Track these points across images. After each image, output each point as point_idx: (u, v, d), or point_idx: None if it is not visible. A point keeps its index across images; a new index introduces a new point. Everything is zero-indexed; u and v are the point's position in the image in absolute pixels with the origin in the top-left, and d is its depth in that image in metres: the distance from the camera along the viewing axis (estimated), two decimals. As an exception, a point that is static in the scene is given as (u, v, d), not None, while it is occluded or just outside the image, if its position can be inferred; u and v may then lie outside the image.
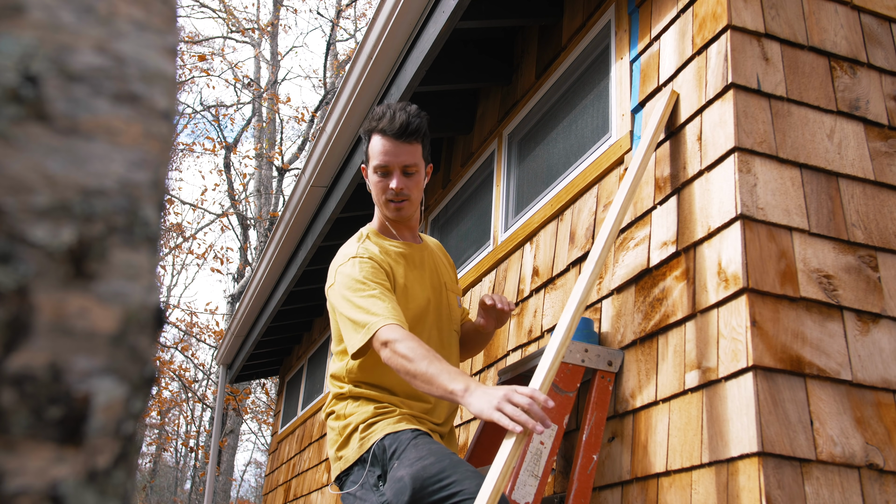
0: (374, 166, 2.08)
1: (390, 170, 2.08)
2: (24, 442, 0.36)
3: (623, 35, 2.60)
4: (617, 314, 2.25)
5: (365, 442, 1.95)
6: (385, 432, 1.93)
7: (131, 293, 0.41)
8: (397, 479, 1.82)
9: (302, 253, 5.08)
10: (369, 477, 1.91)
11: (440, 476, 1.76)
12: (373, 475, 1.90)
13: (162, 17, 0.44)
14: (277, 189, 14.95)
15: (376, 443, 1.92)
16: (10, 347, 0.36)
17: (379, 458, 1.90)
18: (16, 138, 0.38)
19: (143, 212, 0.42)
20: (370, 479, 1.90)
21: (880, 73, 2.17)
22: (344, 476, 2.00)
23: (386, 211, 2.13)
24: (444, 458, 1.81)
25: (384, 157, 2.06)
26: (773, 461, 1.62)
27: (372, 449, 1.92)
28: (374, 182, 2.10)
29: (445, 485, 1.75)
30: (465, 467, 1.80)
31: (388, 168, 2.07)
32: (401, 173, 2.08)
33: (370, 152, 2.10)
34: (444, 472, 1.77)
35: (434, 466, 1.78)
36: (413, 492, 1.76)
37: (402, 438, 1.90)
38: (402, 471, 1.82)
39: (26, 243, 0.37)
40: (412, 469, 1.80)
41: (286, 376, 7.69)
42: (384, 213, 2.15)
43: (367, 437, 1.95)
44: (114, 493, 0.40)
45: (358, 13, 17.04)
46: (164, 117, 0.44)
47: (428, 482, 1.76)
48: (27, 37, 0.38)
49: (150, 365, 0.43)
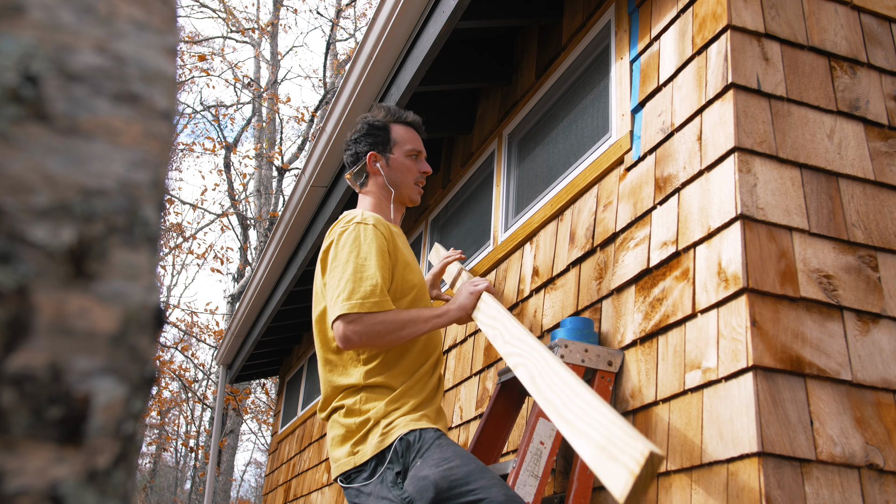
0: (407, 150, 2.31)
1: (422, 155, 2.34)
2: (24, 442, 0.36)
3: (623, 35, 2.60)
4: (617, 314, 2.25)
5: (386, 437, 1.93)
6: (409, 428, 1.93)
7: (131, 293, 0.41)
8: (421, 477, 1.81)
9: (302, 253, 5.08)
10: (387, 473, 1.89)
11: (466, 480, 1.77)
12: (391, 471, 1.89)
13: (162, 17, 0.44)
14: (277, 189, 14.95)
15: (399, 439, 1.91)
16: (10, 347, 0.36)
17: (400, 455, 1.89)
18: (16, 138, 0.38)
19: (143, 212, 0.42)
20: (388, 475, 1.88)
21: (880, 73, 2.17)
22: (355, 473, 1.96)
23: (411, 192, 2.32)
24: (470, 463, 1.83)
25: (418, 142, 2.34)
26: (773, 461, 1.62)
27: (393, 445, 1.91)
28: (405, 165, 2.30)
29: (471, 489, 1.76)
30: (490, 473, 1.81)
31: (421, 152, 2.33)
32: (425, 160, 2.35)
33: (398, 138, 2.31)
34: (471, 476, 1.78)
35: (460, 470, 1.80)
36: (437, 492, 1.77)
37: (425, 437, 1.90)
38: (426, 470, 1.82)
39: (26, 243, 0.37)
40: (438, 470, 1.80)
41: (286, 376, 7.69)
42: (408, 194, 2.32)
43: (389, 433, 1.93)
44: (114, 493, 0.40)
45: (358, 13, 17.05)
46: (164, 117, 0.44)
47: (454, 485, 1.77)
48: (27, 37, 0.38)
49: (150, 365, 0.43)
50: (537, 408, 2.08)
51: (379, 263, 2.00)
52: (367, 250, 2.02)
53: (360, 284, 1.96)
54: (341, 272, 2.00)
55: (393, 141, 2.30)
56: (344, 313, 1.92)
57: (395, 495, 1.85)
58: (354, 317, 1.93)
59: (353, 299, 1.94)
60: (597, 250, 2.44)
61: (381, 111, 2.35)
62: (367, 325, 1.93)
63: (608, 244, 2.39)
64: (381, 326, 1.94)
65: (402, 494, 1.84)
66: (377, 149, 2.29)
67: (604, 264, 2.38)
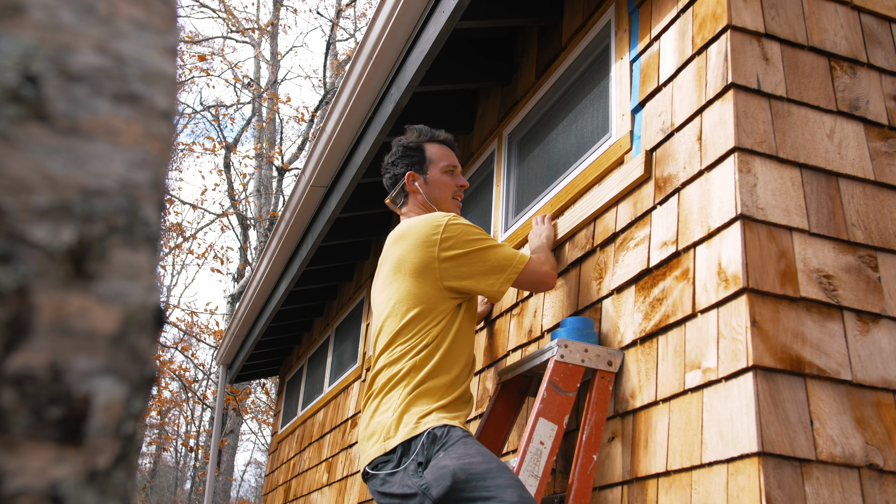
0: (443, 167, 2.47)
1: (458, 170, 2.50)
2: (24, 442, 0.36)
3: (623, 35, 2.60)
4: (617, 314, 2.25)
5: (419, 426, 2.01)
6: (442, 422, 2.01)
7: (131, 293, 0.41)
8: (441, 466, 1.88)
9: (302, 253, 5.08)
10: (411, 463, 1.96)
11: (484, 475, 1.82)
12: (414, 462, 1.96)
13: (162, 17, 0.44)
14: (277, 189, 14.95)
15: (429, 430, 1.99)
16: (10, 347, 0.36)
17: (426, 448, 1.96)
18: (16, 138, 0.38)
19: (144, 212, 0.42)
20: (412, 465, 1.96)
21: (880, 73, 2.17)
22: (382, 461, 2.04)
23: (451, 206, 2.47)
24: (492, 461, 1.88)
25: (453, 158, 2.50)
26: (773, 461, 1.62)
27: (423, 434, 1.99)
28: (442, 181, 2.46)
29: (487, 486, 1.80)
30: (510, 474, 1.86)
31: (456, 167, 2.50)
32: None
33: (433, 156, 2.47)
34: (490, 473, 1.83)
35: (480, 466, 1.85)
36: (454, 482, 1.83)
37: (453, 434, 1.98)
38: (447, 461, 1.89)
39: (26, 243, 0.37)
40: (459, 462, 1.86)
41: (286, 376, 7.69)
42: (447, 209, 2.46)
43: (422, 422, 2.02)
44: (114, 493, 0.40)
45: (358, 13, 17.04)
46: (165, 117, 0.44)
47: (471, 478, 1.82)
48: (27, 37, 0.38)
49: (150, 365, 0.43)
50: (537, 408, 2.08)
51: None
52: (477, 230, 2.29)
53: (507, 247, 2.31)
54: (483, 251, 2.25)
55: (428, 159, 2.45)
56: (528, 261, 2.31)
57: (415, 482, 1.92)
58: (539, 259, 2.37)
59: (520, 254, 2.31)
60: (597, 250, 2.44)
61: (414, 132, 2.49)
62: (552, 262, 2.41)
63: (608, 244, 2.39)
64: (552, 260, 2.45)
65: (420, 481, 1.91)
66: (414, 168, 2.44)
67: (604, 264, 2.38)
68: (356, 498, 4.32)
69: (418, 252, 2.20)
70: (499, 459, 1.91)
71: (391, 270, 2.28)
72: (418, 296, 2.19)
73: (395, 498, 1.96)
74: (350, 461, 4.68)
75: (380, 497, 2.02)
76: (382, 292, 2.30)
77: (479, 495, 1.79)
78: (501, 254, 2.26)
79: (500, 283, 2.22)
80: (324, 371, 6.05)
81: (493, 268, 2.23)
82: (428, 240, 2.20)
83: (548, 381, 2.10)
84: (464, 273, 2.20)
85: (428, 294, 2.18)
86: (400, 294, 2.22)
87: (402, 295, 2.21)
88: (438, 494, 1.85)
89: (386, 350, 2.22)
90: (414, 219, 2.32)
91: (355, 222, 4.99)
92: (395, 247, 2.29)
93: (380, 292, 2.33)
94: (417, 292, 2.19)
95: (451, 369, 2.16)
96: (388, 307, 2.26)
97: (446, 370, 2.15)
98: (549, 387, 2.10)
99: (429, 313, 2.18)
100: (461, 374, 2.19)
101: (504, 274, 2.23)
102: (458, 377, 2.18)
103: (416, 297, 2.19)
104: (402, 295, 2.21)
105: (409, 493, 1.92)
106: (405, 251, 2.24)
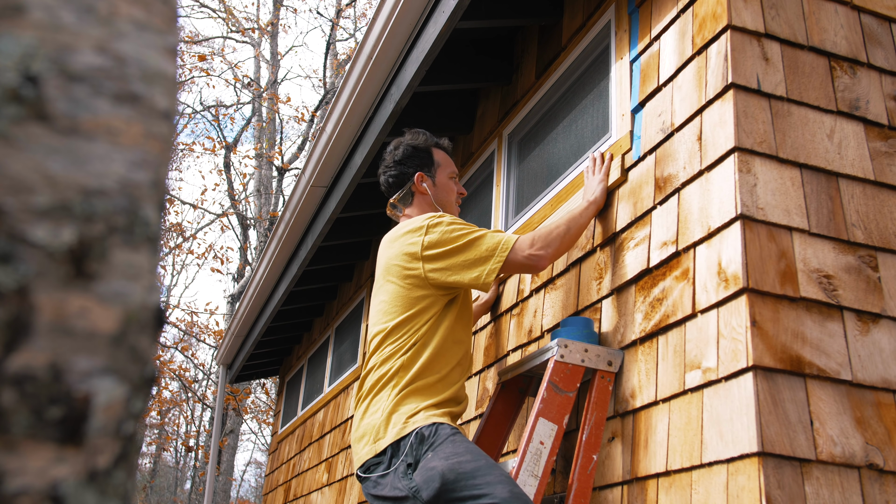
0: (449, 172, 2.50)
1: (457, 177, 2.54)
2: (25, 442, 0.36)
3: (623, 35, 2.60)
4: (617, 314, 2.25)
5: (408, 425, 2.01)
6: (430, 420, 2.01)
7: (132, 293, 0.41)
8: (429, 468, 1.88)
9: (302, 253, 5.08)
10: (400, 465, 1.96)
11: (473, 475, 1.82)
12: (403, 463, 1.96)
13: (162, 17, 0.44)
14: (277, 189, 14.95)
15: (417, 429, 1.99)
16: (10, 347, 0.36)
17: (414, 448, 1.96)
18: (16, 138, 0.38)
19: (144, 212, 0.42)
20: (401, 466, 1.96)
21: (880, 73, 2.17)
22: (373, 464, 2.04)
23: (454, 211, 2.50)
24: (480, 459, 1.87)
25: (454, 166, 2.54)
26: (773, 461, 1.62)
27: (411, 434, 1.98)
28: (448, 186, 2.48)
29: (477, 484, 1.80)
30: (500, 471, 1.85)
31: (458, 177, 2.55)
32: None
33: (442, 161, 2.49)
34: (479, 471, 1.83)
35: (469, 465, 1.85)
36: (443, 483, 1.82)
37: (441, 433, 1.97)
38: (435, 462, 1.88)
39: (27, 243, 0.37)
40: (447, 462, 1.86)
41: (286, 376, 7.69)
42: (452, 211, 2.49)
43: (410, 422, 2.02)
44: (114, 493, 0.40)
45: (358, 13, 17.04)
46: (165, 117, 0.44)
47: (460, 478, 1.82)
48: (27, 37, 0.38)
49: (150, 365, 0.43)
50: (537, 408, 2.08)
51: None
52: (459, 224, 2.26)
53: (491, 235, 2.23)
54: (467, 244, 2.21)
55: (437, 163, 2.48)
56: (513, 245, 2.19)
57: (404, 484, 1.92)
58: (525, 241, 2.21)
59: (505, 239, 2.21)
60: (597, 250, 2.44)
61: (420, 135, 2.52)
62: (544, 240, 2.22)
63: (608, 244, 2.39)
64: (551, 236, 2.23)
65: (410, 483, 1.90)
66: (424, 170, 2.45)
67: (604, 264, 2.38)
68: (356, 498, 4.32)
69: (403, 254, 2.23)
70: (488, 456, 1.91)
71: (381, 274, 2.31)
72: (406, 297, 2.20)
73: (387, 501, 1.96)
74: (350, 461, 4.68)
75: (373, 500, 2.02)
76: (376, 296, 2.34)
77: (469, 494, 1.79)
78: (484, 244, 2.20)
79: (486, 273, 2.18)
80: (324, 371, 6.05)
81: (476, 259, 2.19)
82: (412, 241, 2.23)
83: (548, 381, 2.10)
84: (448, 269, 2.20)
85: (416, 295, 2.20)
86: (389, 296, 2.24)
87: (391, 297, 2.23)
88: (429, 497, 1.84)
89: (376, 352, 2.23)
90: (404, 221, 2.36)
91: (355, 222, 4.99)
92: (386, 250, 2.32)
93: (374, 296, 2.36)
94: (405, 294, 2.21)
95: (441, 368, 2.16)
96: (379, 310, 2.28)
97: (436, 370, 2.14)
98: (549, 387, 2.10)
99: (417, 314, 2.19)
100: (452, 373, 2.19)
101: (488, 264, 2.18)
102: (449, 377, 2.17)
103: (404, 298, 2.20)
104: (391, 297, 2.23)
105: (401, 495, 1.92)
106: (392, 254, 2.27)
